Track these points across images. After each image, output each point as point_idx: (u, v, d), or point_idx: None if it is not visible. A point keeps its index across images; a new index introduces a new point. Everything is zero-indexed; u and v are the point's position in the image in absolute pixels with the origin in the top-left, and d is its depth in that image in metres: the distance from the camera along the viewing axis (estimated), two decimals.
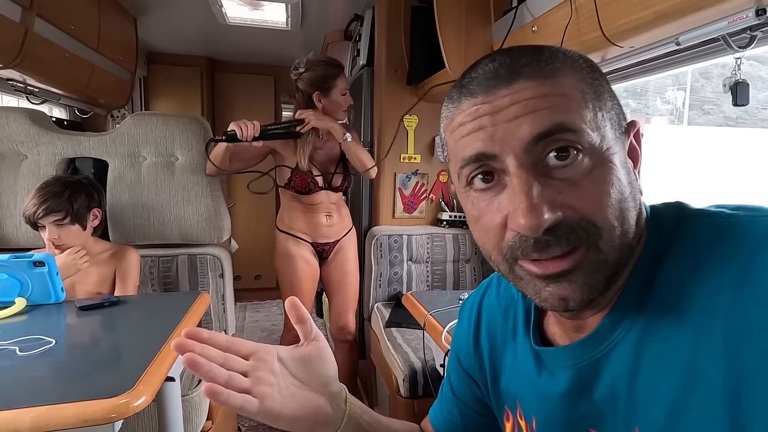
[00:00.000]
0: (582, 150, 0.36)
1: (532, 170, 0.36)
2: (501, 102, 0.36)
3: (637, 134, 0.41)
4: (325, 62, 1.64)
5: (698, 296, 0.35)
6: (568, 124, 0.35)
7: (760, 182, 4.92)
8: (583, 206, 0.35)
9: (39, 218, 1.23)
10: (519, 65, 0.37)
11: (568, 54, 0.39)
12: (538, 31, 1.22)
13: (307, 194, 1.67)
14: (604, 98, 0.38)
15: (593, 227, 0.36)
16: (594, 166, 0.36)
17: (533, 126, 0.35)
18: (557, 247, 0.36)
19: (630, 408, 0.39)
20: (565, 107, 0.35)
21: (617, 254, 0.37)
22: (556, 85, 0.36)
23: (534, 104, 0.35)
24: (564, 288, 0.37)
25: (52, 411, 0.66)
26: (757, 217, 0.36)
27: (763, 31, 0.83)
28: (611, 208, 0.36)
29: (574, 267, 0.36)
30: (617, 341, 0.40)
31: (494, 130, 0.36)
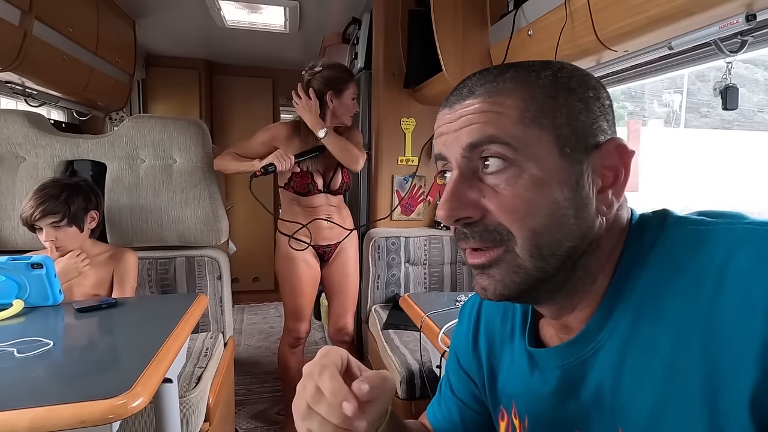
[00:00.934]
0: (508, 162, 0.39)
1: (467, 174, 0.42)
2: (454, 115, 0.43)
3: (622, 151, 0.41)
4: (341, 66, 1.69)
5: (678, 301, 0.36)
6: (497, 137, 0.40)
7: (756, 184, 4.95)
8: (499, 212, 0.40)
9: (36, 220, 1.23)
10: (476, 85, 0.42)
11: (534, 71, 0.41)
12: (533, 35, 1.23)
13: (305, 196, 1.67)
14: (556, 116, 0.40)
15: (508, 233, 0.40)
16: (518, 178, 0.39)
17: (468, 136, 0.41)
18: (472, 241, 0.42)
19: (614, 409, 0.40)
20: (497, 123, 0.40)
21: (538, 263, 0.40)
22: (495, 104, 0.40)
23: (472, 119, 0.41)
24: (484, 279, 0.43)
25: (49, 412, 0.66)
26: (734, 224, 0.37)
27: (754, 36, 0.85)
28: (527, 220, 0.39)
29: (489, 263, 0.42)
30: (603, 343, 0.41)
31: (447, 137, 0.43)
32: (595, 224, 0.41)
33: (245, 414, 2.01)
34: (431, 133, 2.03)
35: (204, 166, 1.66)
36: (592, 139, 0.41)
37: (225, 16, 2.39)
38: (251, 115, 3.51)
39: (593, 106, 0.41)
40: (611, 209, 0.41)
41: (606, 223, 0.42)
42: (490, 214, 0.40)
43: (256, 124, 3.50)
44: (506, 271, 0.41)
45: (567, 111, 0.40)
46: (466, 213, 0.41)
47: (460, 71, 1.53)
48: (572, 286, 0.43)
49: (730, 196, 5.19)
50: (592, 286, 0.43)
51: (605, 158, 0.41)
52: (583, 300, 0.43)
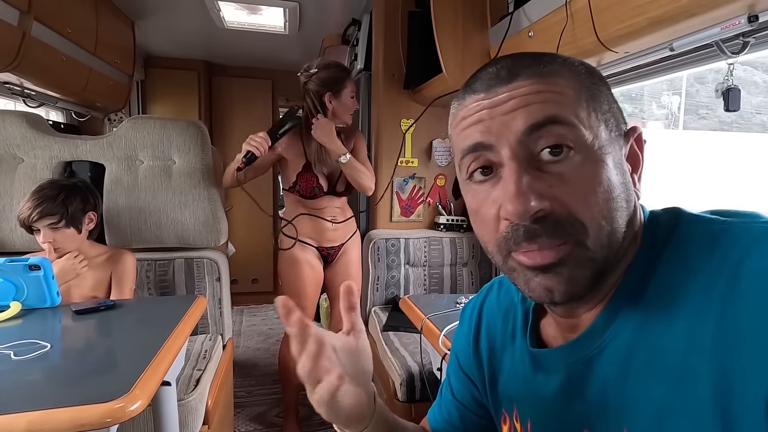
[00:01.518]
0: (573, 147, 0.37)
1: (525, 162, 0.38)
2: (499, 98, 0.39)
3: (639, 140, 0.42)
4: (336, 65, 1.66)
5: (690, 301, 0.36)
6: (560, 117, 0.37)
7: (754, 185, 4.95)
8: (571, 201, 0.37)
9: (33, 221, 1.23)
10: (519, 67, 0.39)
11: (567, 59, 0.41)
12: (534, 36, 1.23)
13: (311, 198, 1.67)
14: (601, 101, 0.40)
15: (580, 225, 0.37)
16: (584, 163, 0.37)
17: (527, 118, 0.37)
18: (545, 238, 0.37)
19: (620, 409, 0.39)
20: (558, 102, 0.38)
21: (605, 252, 0.38)
22: (551, 84, 0.38)
23: (529, 99, 0.38)
24: (550, 279, 0.38)
25: (47, 416, 0.65)
26: (750, 223, 0.37)
27: (756, 37, 0.84)
28: (598, 206, 0.37)
29: (560, 260, 0.38)
30: (608, 341, 0.41)
31: (491, 122, 0.39)
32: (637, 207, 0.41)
33: (244, 416, 2.00)
34: (431, 135, 2.03)
35: (203, 168, 1.65)
36: (624, 126, 0.42)
37: (224, 17, 2.39)
38: (250, 116, 3.51)
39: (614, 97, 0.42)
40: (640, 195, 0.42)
41: None
42: (559, 205, 0.37)
43: (255, 125, 3.50)
44: (575, 266, 0.38)
45: (606, 98, 0.41)
46: (541, 205, 0.37)
47: (460, 72, 1.52)
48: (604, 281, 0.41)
49: (730, 197, 5.20)
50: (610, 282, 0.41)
51: (633, 143, 0.42)
52: (598, 297, 0.42)
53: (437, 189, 2.09)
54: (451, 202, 2.10)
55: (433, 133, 2.04)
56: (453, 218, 2.03)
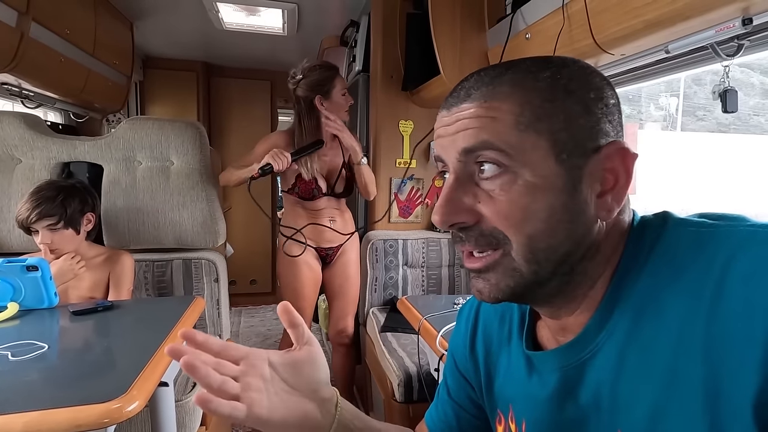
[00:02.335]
0: (503, 170, 0.39)
1: (463, 177, 0.42)
2: (451, 119, 0.42)
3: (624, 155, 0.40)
4: (321, 66, 1.66)
5: (679, 303, 0.36)
6: (491, 143, 0.39)
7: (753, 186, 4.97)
8: (494, 217, 0.40)
9: (32, 223, 1.23)
10: (474, 88, 0.42)
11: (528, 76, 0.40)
12: (531, 38, 1.23)
13: (310, 200, 1.67)
14: (552, 122, 0.39)
15: (503, 237, 0.40)
16: (513, 184, 0.39)
17: (463, 141, 0.41)
18: (468, 245, 0.42)
19: (613, 411, 0.39)
20: (492, 128, 0.39)
21: (533, 267, 0.40)
22: (491, 108, 0.40)
23: (468, 123, 0.41)
24: (480, 283, 0.43)
25: (44, 416, 0.65)
26: (736, 227, 0.37)
27: (750, 40, 0.85)
28: (522, 225, 0.39)
29: (485, 268, 0.42)
30: (601, 345, 0.41)
31: (444, 140, 0.43)
32: (593, 229, 0.40)
33: None
34: (429, 136, 2.04)
35: (201, 169, 1.66)
36: (592, 143, 0.39)
37: (223, 18, 2.39)
38: (249, 117, 3.51)
39: (594, 107, 0.40)
40: (611, 213, 0.40)
41: (606, 227, 0.41)
42: (485, 218, 0.40)
43: (254, 126, 3.51)
44: (502, 275, 0.41)
45: (565, 115, 0.39)
46: (460, 218, 0.41)
47: (458, 74, 1.53)
48: (570, 291, 0.43)
49: (727, 198, 5.22)
50: (591, 290, 0.42)
51: (606, 161, 0.40)
52: (582, 303, 0.43)
53: (435, 190, 2.09)
54: None
55: (432, 135, 2.04)
56: None
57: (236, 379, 0.44)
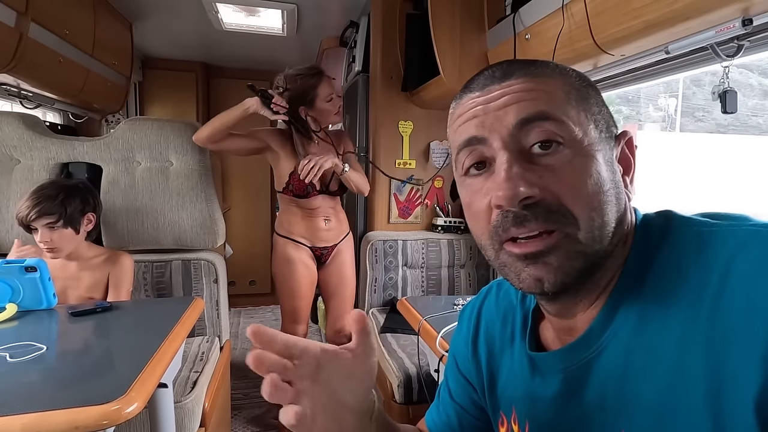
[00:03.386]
0: (563, 143, 0.39)
1: (516, 153, 0.39)
2: (493, 95, 0.41)
3: (630, 144, 0.44)
4: (302, 74, 1.60)
5: (682, 302, 0.36)
6: (550, 113, 0.39)
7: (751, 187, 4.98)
8: (561, 190, 0.38)
9: (31, 220, 1.23)
10: (512, 68, 0.42)
11: (559, 65, 0.44)
12: (531, 39, 1.23)
13: (305, 198, 1.67)
14: (590, 103, 0.42)
15: (570, 215, 0.38)
16: (574, 157, 0.39)
17: (518, 113, 0.39)
18: (534, 224, 0.38)
19: (617, 411, 0.39)
20: (548, 100, 0.40)
21: (595, 246, 0.39)
22: (542, 83, 0.40)
23: (520, 96, 0.40)
24: (539, 269, 0.39)
25: (43, 418, 0.65)
26: (738, 226, 0.37)
27: (750, 41, 0.85)
28: (588, 198, 0.38)
29: (549, 249, 0.39)
30: (606, 344, 0.41)
31: (485, 117, 0.41)
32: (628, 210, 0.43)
33: (241, 419, 2.00)
34: (429, 136, 2.04)
35: (200, 169, 1.65)
36: (615, 129, 0.43)
37: (222, 19, 2.39)
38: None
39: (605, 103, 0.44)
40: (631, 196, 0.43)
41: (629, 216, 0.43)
42: (550, 194, 0.38)
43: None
44: (565, 257, 0.38)
45: (596, 101, 0.43)
46: (531, 191, 0.38)
47: (457, 75, 1.53)
48: (596, 280, 0.42)
49: (726, 199, 5.23)
50: (602, 281, 0.42)
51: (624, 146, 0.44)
52: (591, 297, 0.43)
53: (435, 191, 2.09)
54: (449, 203, 2.10)
55: (431, 135, 2.04)
56: (451, 220, 2.03)
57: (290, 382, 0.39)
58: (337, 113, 1.68)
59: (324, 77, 1.63)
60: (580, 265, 0.39)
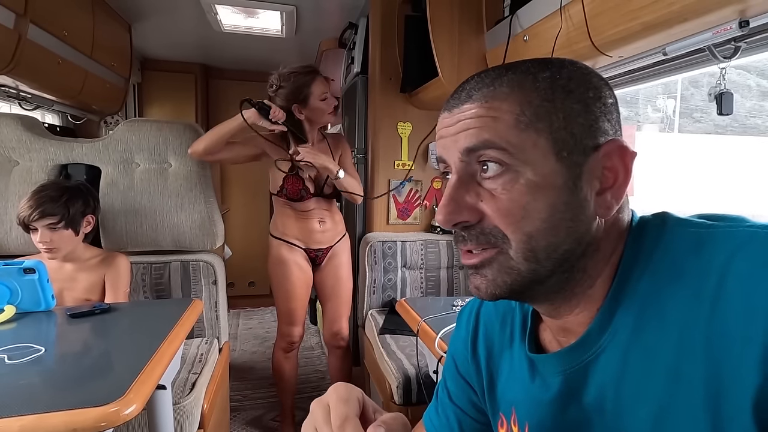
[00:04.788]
0: (504, 169, 0.40)
1: (466, 176, 0.42)
2: (452, 119, 0.43)
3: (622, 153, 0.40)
4: (296, 72, 1.60)
5: (679, 304, 0.36)
6: (492, 142, 0.40)
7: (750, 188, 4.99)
8: (495, 216, 0.41)
9: (33, 221, 1.23)
10: (475, 89, 0.42)
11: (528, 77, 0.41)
12: (529, 40, 1.24)
13: (298, 201, 1.67)
14: (552, 120, 0.39)
15: (503, 236, 0.41)
16: (513, 182, 0.40)
17: (465, 141, 0.41)
18: (469, 243, 0.42)
19: (617, 413, 0.39)
20: (493, 128, 0.40)
21: (530, 265, 0.40)
22: (492, 108, 0.41)
23: (469, 123, 0.41)
24: (478, 279, 0.43)
25: (41, 420, 0.65)
26: (735, 227, 0.37)
27: (747, 42, 0.85)
28: (522, 222, 0.40)
29: (481, 264, 0.42)
30: (604, 347, 0.41)
31: (446, 140, 0.44)
32: (592, 227, 0.41)
33: (240, 420, 1.99)
34: (428, 138, 2.04)
35: (199, 170, 1.65)
36: (591, 141, 0.40)
37: (221, 20, 2.39)
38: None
39: (593, 106, 0.41)
40: (610, 211, 0.41)
41: (605, 225, 0.42)
42: (487, 217, 0.41)
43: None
44: (498, 271, 0.42)
45: (564, 114, 0.40)
46: (463, 217, 0.41)
47: (456, 76, 1.53)
48: (570, 288, 0.43)
49: (725, 200, 5.23)
50: (590, 289, 0.42)
51: (605, 160, 0.40)
52: (581, 302, 0.43)
53: (434, 192, 2.09)
54: None
55: (430, 136, 2.05)
56: None
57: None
58: (332, 113, 1.66)
59: (318, 76, 1.62)
60: (512, 279, 0.41)
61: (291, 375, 1.84)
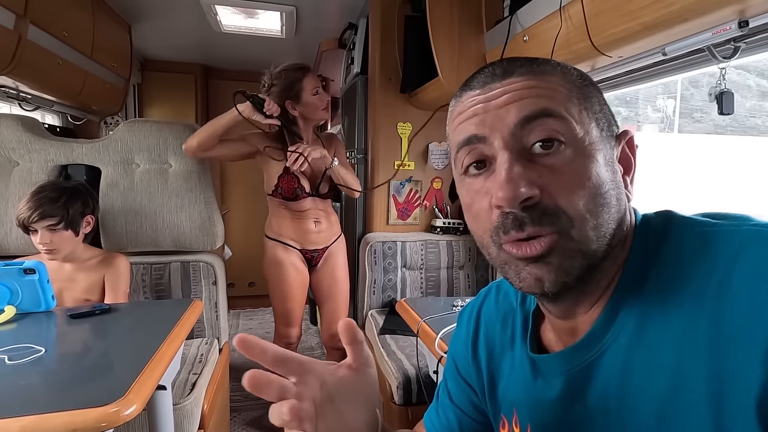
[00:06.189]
0: (564, 141, 0.39)
1: (517, 153, 0.39)
2: (494, 93, 0.41)
3: (631, 143, 0.43)
4: (287, 69, 1.63)
5: (683, 303, 0.36)
6: (552, 111, 0.39)
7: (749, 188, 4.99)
8: (558, 192, 0.38)
9: (33, 222, 1.23)
10: (513, 66, 0.42)
11: (561, 63, 0.43)
12: (529, 40, 1.24)
13: (294, 200, 1.66)
14: (592, 102, 0.42)
15: (565, 216, 0.38)
16: (575, 157, 0.39)
17: (519, 111, 0.39)
18: (531, 227, 0.38)
19: (620, 413, 0.39)
20: (550, 97, 0.39)
21: (591, 245, 0.39)
22: (544, 80, 0.40)
23: (522, 93, 0.39)
24: (540, 269, 0.39)
25: (41, 420, 0.65)
26: (739, 226, 0.37)
27: (746, 42, 0.85)
28: (585, 199, 0.38)
29: (548, 251, 0.38)
30: (608, 345, 0.41)
31: (486, 116, 0.40)
32: (628, 210, 0.42)
33: (240, 421, 1.99)
34: (427, 138, 2.04)
35: (199, 171, 1.65)
36: (616, 129, 0.43)
37: (221, 21, 2.39)
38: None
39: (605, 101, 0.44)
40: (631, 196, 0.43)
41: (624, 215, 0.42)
42: (547, 195, 0.38)
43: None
44: (563, 256, 0.38)
45: (598, 99, 0.42)
46: (530, 192, 0.37)
47: (456, 76, 1.53)
48: (596, 280, 0.41)
49: (725, 200, 5.23)
50: (602, 282, 0.42)
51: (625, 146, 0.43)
52: (592, 298, 0.43)
53: (434, 192, 2.09)
54: (448, 205, 2.10)
55: (430, 136, 2.05)
56: (449, 221, 2.04)
57: None
58: (325, 108, 1.66)
59: (308, 71, 1.64)
60: (578, 263, 0.39)
61: None
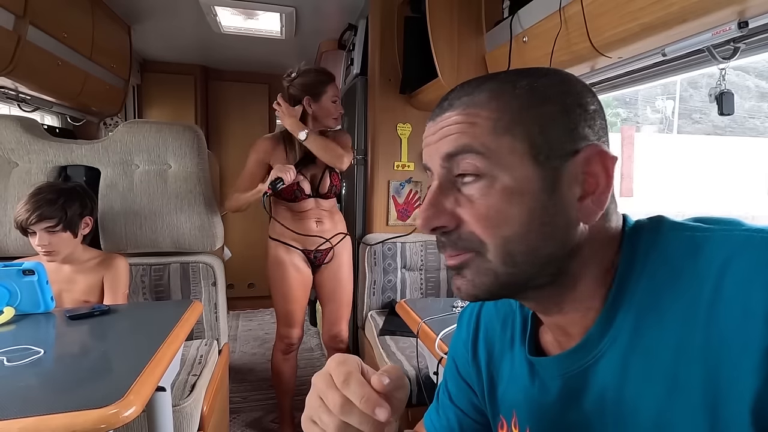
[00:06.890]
0: (481, 174, 0.41)
1: (447, 183, 0.43)
2: (435, 128, 0.44)
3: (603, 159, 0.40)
4: (317, 70, 1.68)
5: (677, 308, 0.36)
6: (471, 147, 0.41)
7: (748, 188, 5.01)
8: (472, 222, 0.41)
9: (31, 224, 1.22)
10: (457, 97, 0.44)
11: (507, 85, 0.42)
12: (528, 41, 1.24)
13: (293, 202, 1.67)
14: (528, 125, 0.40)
15: (479, 242, 0.41)
16: (490, 188, 0.40)
17: (445, 147, 0.42)
18: (448, 249, 0.44)
19: (617, 418, 0.39)
20: (471, 133, 0.41)
21: (508, 269, 0.41)
22: (470, 115, 0.42)
23: (449, 130, 0.42)
24: (459, 280, 0.44)
25: (40, 422, 0.65)
26: (731, 231, 0.37)
27: (746, 43, 0.86)
28: (500, 228, 0.40)
29: (461, 265, 0.43)
30: (604, 351, 0.41)
31: (429, 148, 0.45)
32: (575, 231, 0.41)
33: (240, 422, 1.99)
34: None
35: (199, 172, 1.65)
36: (570, 146, 0.40)
37: (221, 22, 2.39)
38: (247, 120, 3.51)
39: (572, 112, 0.41)
40: (593, 217, 0.41)
41: (590, 230, 0.42)
42: (464, 223, 0.42)
43: (251, 129, 3.51)
44: (476, 273, 0.42)
45: (542, 119, 0.40)
46: (441, 222, 0.42)
47: (455, 77, 1.53)
48: (557, 291, 0.43)
49: (724, 200, 5.24)
50: (575, 292, 0.42)
51: (585, 165, 0.40)
52: (573, 304, 0.43)
53: None
54: None
55: None
56: None
57: None
58: (337, 118, 1.70)
59: (334, 81, 1.69)
60: (489, 281, 0.42)
61: (290, 377, 1.84)
